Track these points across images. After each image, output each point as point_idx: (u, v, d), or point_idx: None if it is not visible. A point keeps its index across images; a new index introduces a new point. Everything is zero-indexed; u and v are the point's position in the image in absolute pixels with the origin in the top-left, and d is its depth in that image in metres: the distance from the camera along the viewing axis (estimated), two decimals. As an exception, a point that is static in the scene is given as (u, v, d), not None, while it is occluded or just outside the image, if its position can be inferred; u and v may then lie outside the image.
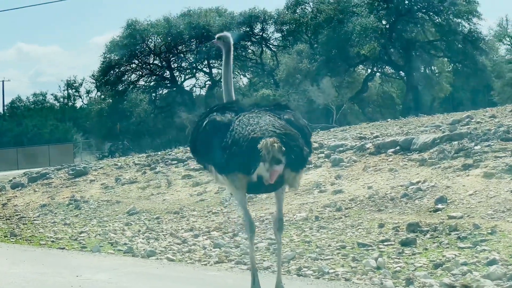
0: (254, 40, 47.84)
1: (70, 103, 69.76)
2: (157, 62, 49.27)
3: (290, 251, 7.05)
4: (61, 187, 14.71)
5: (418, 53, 42.27)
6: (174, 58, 48.97)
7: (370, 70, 45.87)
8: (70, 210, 12.04)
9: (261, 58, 47.63)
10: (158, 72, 49.32)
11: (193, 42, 47.40)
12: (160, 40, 47.48)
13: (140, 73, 49.17)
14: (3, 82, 67.93)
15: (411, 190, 9.05)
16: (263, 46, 48.07)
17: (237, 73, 47.69)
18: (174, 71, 49.48)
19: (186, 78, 50.56)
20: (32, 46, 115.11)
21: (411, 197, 8.83)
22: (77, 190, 14.05)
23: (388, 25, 42.89)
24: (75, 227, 10.18)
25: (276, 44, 48.25)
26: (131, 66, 48.64)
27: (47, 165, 30.63)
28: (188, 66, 49.79)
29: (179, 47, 48.16)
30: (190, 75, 50.47)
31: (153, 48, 48.06)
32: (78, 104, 69.95)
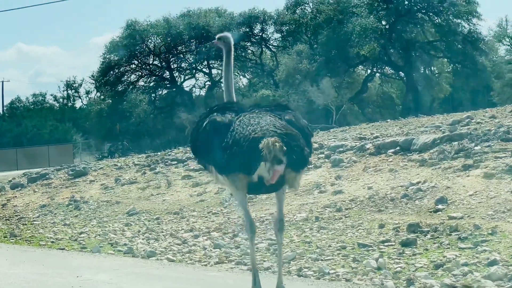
0: (253, 40, 47.83)
1: (70, 104, 69.81)
2: (156, 63, 49.28)
3: (291, 252, 7.04)
4: (60, 188, 14.70)
5: (417, 53, 42.27)
6: (173, 58, 48.97)
7: (370, 70, 45.89)
8: (70, 211, 12.03)
9: (260, 59, 47.62)
10: (158, 72, 49.32)
11: (192, 43, 47.40)
12: (159, 40, 47.47)
13: (139, 73, 49.19)
14: (3, 82, 67.96)
15: (411, 190, 9.04)
16: (263, 46, 48.07)
17: (236, 73, 47.63)
18: (173, 72, 49.49)
19: (185, 78, 50.65)
20: (31, 47, 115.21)
21: (411, 197, 8.82)
22: (76, 190, 14.04)
23: (387, 25, 42.88)
24: (75, 228, 10.17)
25: (275, 44, 48.28)
26: (131, 66, 48.65)
27: (47, 165, 30.57)
28: (187, 66, 49.82)
29: (179, 48, 48.16)
30: (190, 76, 50.54)
31: (152, 48, 48.05)
32: (78, 104, 70.05)
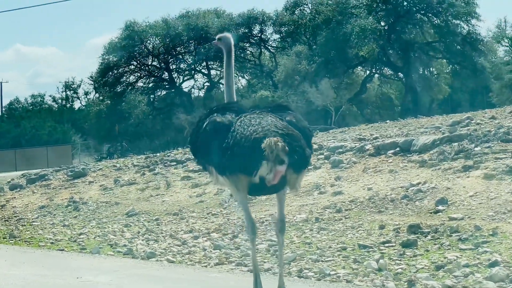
0: (252, 41, 47.78)
1: (68, 105, 69.68)
2: (155, 64, 49.20)
3: (291, 253, 7.02)
4: (59, 189, 14.67)
5: (416, 54, 42.23)
6: (172, 59, 48.91)
7: (369, 71, 45.88)
8: (69, 212, 12.01)
9: (259, 60, 47.58)
10: (157, 73, 49.26)
11: (191, 44, 47.35)
12: (158, 41, 47.41)
13: (138, 74, 49.10)
14: (1, 83, 67.87)
15: (412, 191, 9.03)
16: (262, 47, 48.01)
17: (235, 74, 47.46)
18: (172, 73, 49.45)
19: (184, 79, 50.57)
20: (30, 48, 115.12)
21: (412, 198, 8.81)
22: (76, 191, 14.02)
23: (386, 26, 42.85)
24: (74, 229, 10.15)
25: (274, 45, 48.23)
26: (130, 67, 48.57)
27: (45, 166, 30.48)
28: (186, 67, 49.74)
29: (178, 49, 48.11)
30: (189, 77, 50.46)
31: (151, 49, 48.01)
32: (77, 105, 70.00)
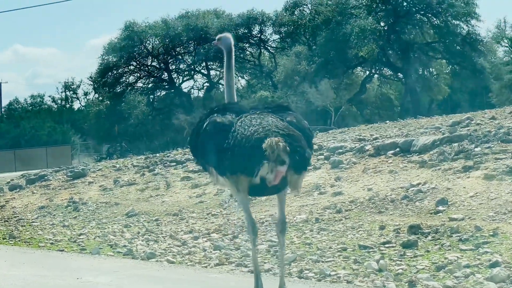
0: (252, 42, 47.78)
1: (68, 105, 69.69)
2: (155, 64, 49.19)
3: (291, 253, 7.01)
4: (59, 189, 14.65)
5: (416, 55, 42.21)
6: (172, 60, 48.92)
7: (369, 72, 45.87)
8: (69, 212, 12.00)
9: (259, 60, 47.57)
10: (156, 74, 49.26)
11: (191, 44, 47.34)
12: (158, 42, 47.41)
13: (138, 75, 49.11)
14: (1, 84, 67.89)
15: (412, 192, 9.02)
16: (261, 48, 48.02)
17: (235, 74, 47.39)
18: (172, 73, 49.45)
19: (184, 80, 50.56)
20: (29, 48, 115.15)
21: (412, 199, 8.80)
22: (75, 192, 13.99)
23: (386, 27, 42.84)
24: (74, 229, 10.14)
25: (274, 46, 48.21)
26: (129, 68, 48.57)
27: (45, 167, 30.52)
28: (186, 68, 49.74)
29: (177, 49, 48.11)
30: (188, 77, 50.46)
31: (151, 50, 48.00)
32: (76, 106, 70.00)
